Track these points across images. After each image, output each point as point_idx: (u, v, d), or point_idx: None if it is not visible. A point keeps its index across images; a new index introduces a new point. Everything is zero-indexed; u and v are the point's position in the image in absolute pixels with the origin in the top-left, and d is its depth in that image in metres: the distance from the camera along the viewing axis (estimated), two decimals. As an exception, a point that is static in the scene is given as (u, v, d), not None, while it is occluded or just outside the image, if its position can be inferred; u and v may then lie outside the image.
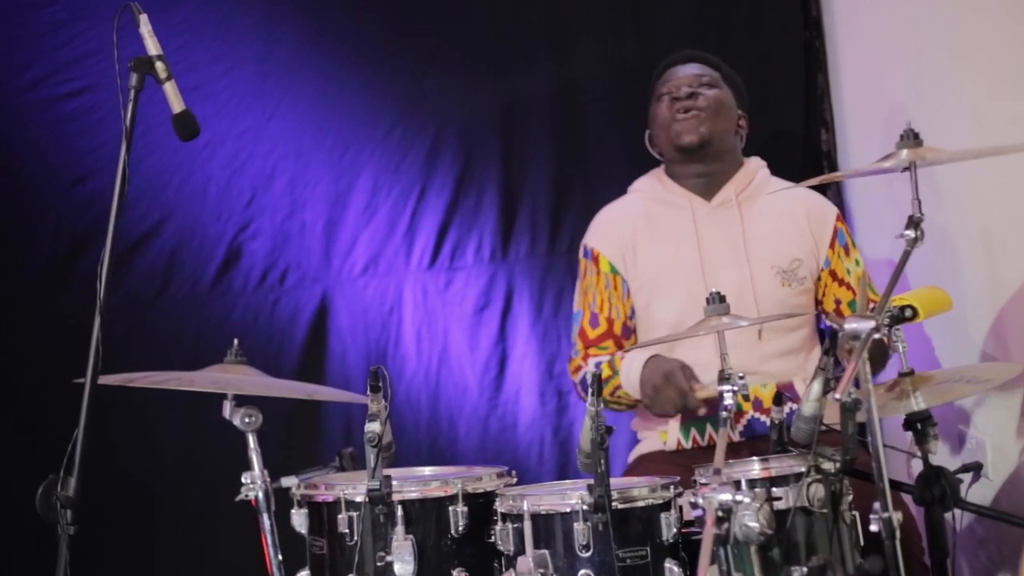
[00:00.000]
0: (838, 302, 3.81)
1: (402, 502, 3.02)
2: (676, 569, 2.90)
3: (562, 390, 4.47)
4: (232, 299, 4.43)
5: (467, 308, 4.53)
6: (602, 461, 2.83)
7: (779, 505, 2.87)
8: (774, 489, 2.90)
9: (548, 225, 4.55)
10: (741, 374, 2.94)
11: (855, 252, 3.87)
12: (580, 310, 3.89)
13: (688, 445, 3.72)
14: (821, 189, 4.14)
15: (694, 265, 3.77)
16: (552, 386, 4.50)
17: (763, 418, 3.66)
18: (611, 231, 3.91)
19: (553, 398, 4.50)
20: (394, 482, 3.01)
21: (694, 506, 2.89)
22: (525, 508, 2.93)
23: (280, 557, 3.23)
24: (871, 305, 3.71)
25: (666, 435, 3.74)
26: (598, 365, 3.73)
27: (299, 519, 3.17)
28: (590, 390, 2.86)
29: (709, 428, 3.71)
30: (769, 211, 3.85)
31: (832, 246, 3.84)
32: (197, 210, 4.45)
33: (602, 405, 2.85)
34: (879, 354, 3.47)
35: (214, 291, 4.43)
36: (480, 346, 4.51)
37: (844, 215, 4.08)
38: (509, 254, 4.54)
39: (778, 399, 3.19)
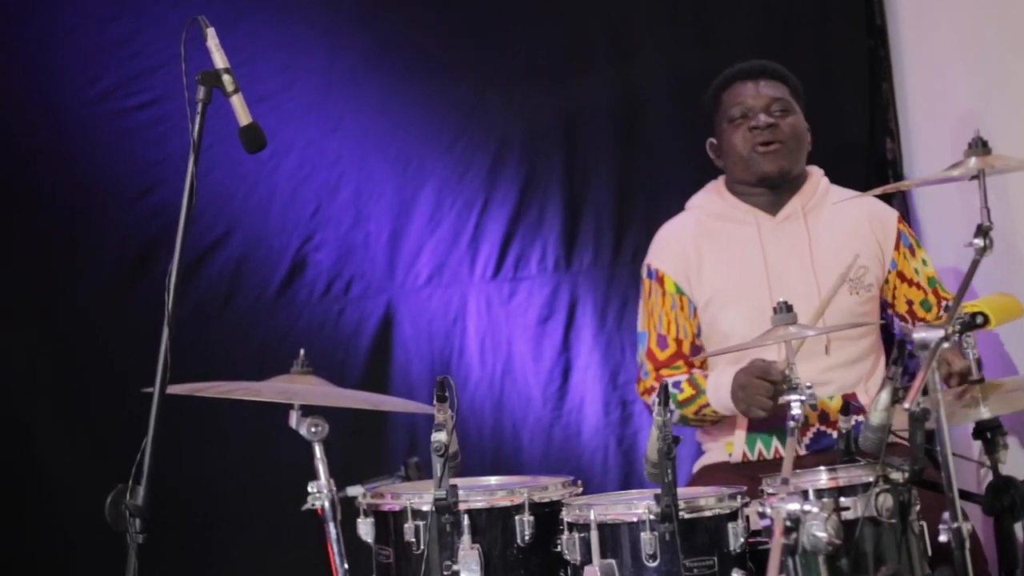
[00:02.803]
0: (910, 303, 3.78)
1: (468, 511, 3.03)
2: (744, 579, 2.90)
3: (626, 400, 4.46)
4: (297, 309, 4.46)
5: (531, 318, 4.54)
6: (669, 471, 2.83)
7: (847, 515, 2.85)
8: (842, 499, 2.88)
9: (611, 236, 4.55)
10: (809, 384, 2.92)
11: (921, 252, 3.84)
12: (646, 331, 3.85)
13: (753, 457, 3.70)
14: (887, 198, 4.11)
15: (760, 278, 3.74)
16: (616, 396, 4.49)
17: (830, 431, 3.63)
18: (674, 250, 3.88)
19: (617, 408, 4.49)
20: (460, 491, 3.01)
21: (761, 516, 2.88)
22: (592, 517, 2.93)
23: (346, 566, 3.26)
24: (943, 303, 3.72)
25: (731, 447, 3.73)
26: (677, 384, 3.70)
27: (365, 528, 3.19)
28: (657, 399, 2.86)
29: (775, 441, 3.69)
30: (833, 221, 3.82)
31: (897, 247, 3.81)
32: (262, 221, 4.49)
33: (669, 416, 2.85)
34: None
35: (279, 301, 4.46)
36: (544, 356, 4.52)
37: (910, 225, 4.05)
38: (572, 265, 4.54)
39: (845, 409, 3.17)
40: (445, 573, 3.02)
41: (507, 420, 4.49)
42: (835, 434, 3.41)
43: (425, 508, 3.04)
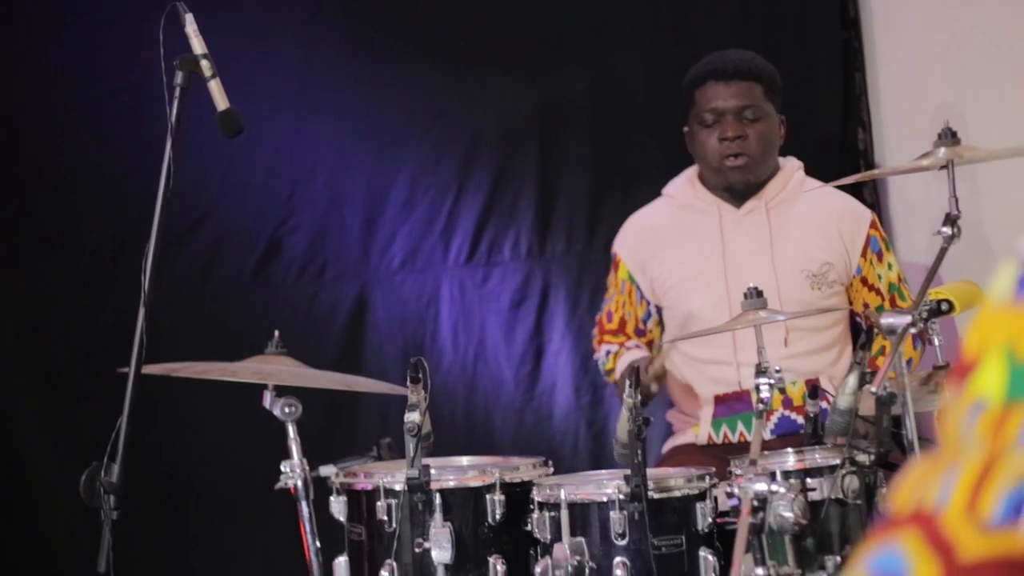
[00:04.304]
0: (866, 306, 3.83)
1: (440, 490, 3.06)
2: (711, 558, 2.93)
3: (597, 384, 4.51)
4: (272, 292, 4.49)
5: (503, 303, 4.58)
6: (639, 452, 2.87)
7: (813, 496, 2.91)
8: (809, 480, 2.93)
9: (585, 224, 4.59)
10: (778, 367, 2.97)
11: (889, 255, 3.86)
12: (605, 299, 4.04)
13: (719, 440, 3.76)
14: (858, 188, 4.15)
15: (718, 269, 3.79)
16: (587, 380, 4.54)
17: (793, 416, 3.69)
18: (635, 240, 3.97)
19: (588, 392, 4.54)
20: (432, 471, 3.05)
21: (729, 496, 2.93)
22: (562, 497, 2.97)
23: (318, 544, 3.28)
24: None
25: (698, 428, 3.79)
26: (607, 353, 3.94)
27: (338, 506, 3.21)
28: (628, 382, 2.91)
29: (740, 426, 3.74)
30: (800, 217, 3.85)
31: (864, 254, 3.84)
32: (239, 206, 4.52)
33: (639, 397, 2.89)
34: None
35: (255, 284, 4.49)
36: (516, 340, 4.56)
37: (881, 214, 4.10)
38: (546, 251, 4.58)
39: (813, 392, 3.22)
40: (416, 550, 3.05)
41: (479, 403, 4.53)
42: (799, 419, 3.47)
43: (397, 487, 3.07)
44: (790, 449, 3.04)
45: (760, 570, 2.77)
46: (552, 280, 4.57)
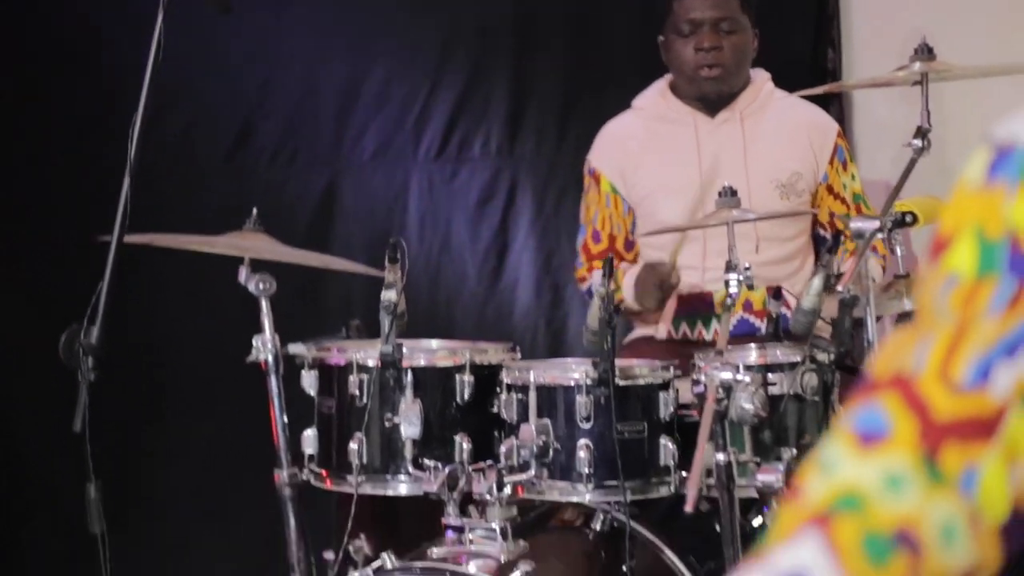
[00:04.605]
0: (832, 215, 3.94)
1: (412, 368, 3.15)
2: (670, 446, 3.04)
3: (558, 284, 4.61)
4: (245, 176, 4.54)
5: (471, 199, 4.66)
6: (608, 339, 2.97)
7: (773, 391, 3.02)
8: (769, 375, 3.04)
9: (556, 126, 4.65)
10: (747, 264, 3.06)
11: (852, 167, 3.99)
12: (583, 224, 4.03)
13: (678, 336, 3.86)
14: (824, 106, 4.24)
15: (693, 178, 3.88)
16: (548, 280, 4.64)
17: (752, 319, 3.81)
18: (612, 150, 4.03)
19: (549, 292, 4.64)
20: (404, 349, 3.13)
21: (695, 383, 3.03)
22: (531, 379, 3.07)
23: (286, 419, 3.35)
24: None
25: (658, 325, 3.89)
26: (600, 279, 3.87)
27: (309, 380, 3.27)
28: (602, 272, 3.01)
29: (700, 325, 3.85)
30: (771, 126, 3.96)
31: (831, 162, 3.96)
32: (214, 88, 4.55)
33: (613, 287, 2.99)
34: None
35: (227, 167, 4.54)
36: (481, 237, 4.65)
37: (845, 132, 4.20)
38: (515, 151, 4.66)
39: (776, 294, 3.33)
40: (386, 425, 3.13)
41: (441, 297, 4.61)
42: (758, 322, 3.58)
43: (370, 363, 3.15)
44: (753, 345, 3.16)
45: (720, 455, 2.88)
46: (520, 180, 4.65)
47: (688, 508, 2.83)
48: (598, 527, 3.13)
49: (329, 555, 3.23)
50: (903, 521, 0.97)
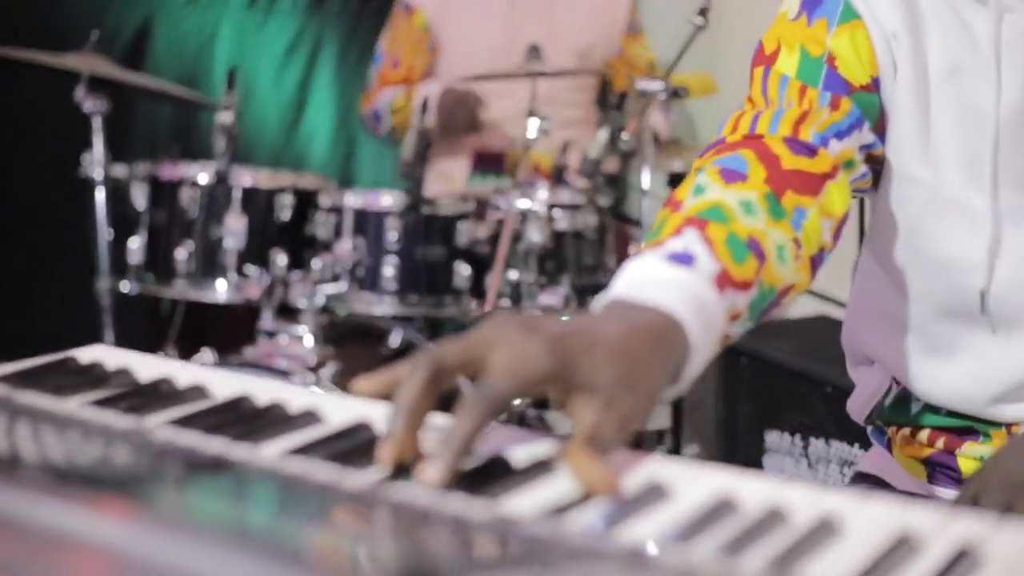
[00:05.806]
0: (621, 78, 4.31)
1: (241, 187, 3.47)
2: (465, 272, 3.45)
3: (352, 137, 4.90)
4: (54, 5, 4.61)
5: (278, 48, 4.90)
6: (419, 169, 3.34)
7: (558, 227, 3.44)
8: (556, 212, 3.45)
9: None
10: (546, 115, 3.40)
11: (644, 37, 4.37)
12: (382, 55, 4.28)
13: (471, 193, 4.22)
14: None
15: (501, 33, 4.19)
16: (344, 134, 4.93)
17: (539, 180, 4.17)
18: None
19: (344, 145, 4.93)
20: (233, 170, 3.45)
21: (495, 208, 3.42)
22: (347, 203, 3.44)
23: (110, 229, 3.56)
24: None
25: (453, 181, 4.23)
26: (393, 95, 4.19)
27: (140, 193, 3.54)
28: (420, 108, 3.34)
29: (492, 182, 4.20)
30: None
31: (626, 33, 4.33)
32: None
33: (428, 124, 3.34)
34: None
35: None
36: (285, 86, 4.90)
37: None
38: (325, 4, 4.91)
39: (564, 147, 3.74)
40: (212, 238, 3.45)
41: (242, 140, 4.81)
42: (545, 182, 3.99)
43: (201, 180, 3.47)
44: (544, 183, 3.55)
45: (513, 273, 3.30)
46: (326, 33, 4.91)
47: (487, 308, 3.22)
48: (397, 344, 3.48)
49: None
50: (754, 233, 1.26)
